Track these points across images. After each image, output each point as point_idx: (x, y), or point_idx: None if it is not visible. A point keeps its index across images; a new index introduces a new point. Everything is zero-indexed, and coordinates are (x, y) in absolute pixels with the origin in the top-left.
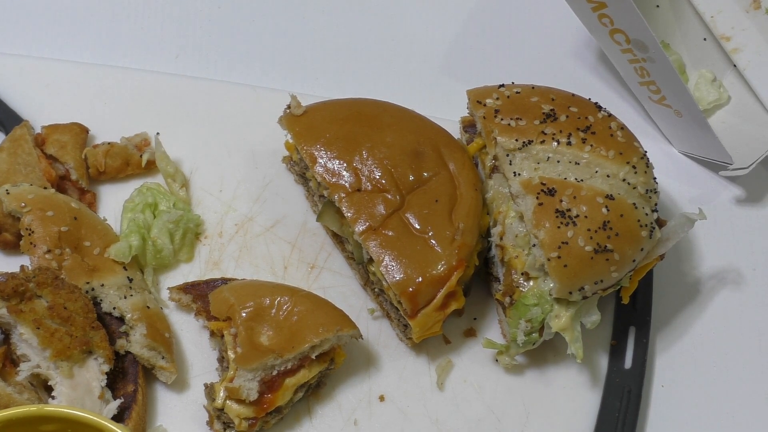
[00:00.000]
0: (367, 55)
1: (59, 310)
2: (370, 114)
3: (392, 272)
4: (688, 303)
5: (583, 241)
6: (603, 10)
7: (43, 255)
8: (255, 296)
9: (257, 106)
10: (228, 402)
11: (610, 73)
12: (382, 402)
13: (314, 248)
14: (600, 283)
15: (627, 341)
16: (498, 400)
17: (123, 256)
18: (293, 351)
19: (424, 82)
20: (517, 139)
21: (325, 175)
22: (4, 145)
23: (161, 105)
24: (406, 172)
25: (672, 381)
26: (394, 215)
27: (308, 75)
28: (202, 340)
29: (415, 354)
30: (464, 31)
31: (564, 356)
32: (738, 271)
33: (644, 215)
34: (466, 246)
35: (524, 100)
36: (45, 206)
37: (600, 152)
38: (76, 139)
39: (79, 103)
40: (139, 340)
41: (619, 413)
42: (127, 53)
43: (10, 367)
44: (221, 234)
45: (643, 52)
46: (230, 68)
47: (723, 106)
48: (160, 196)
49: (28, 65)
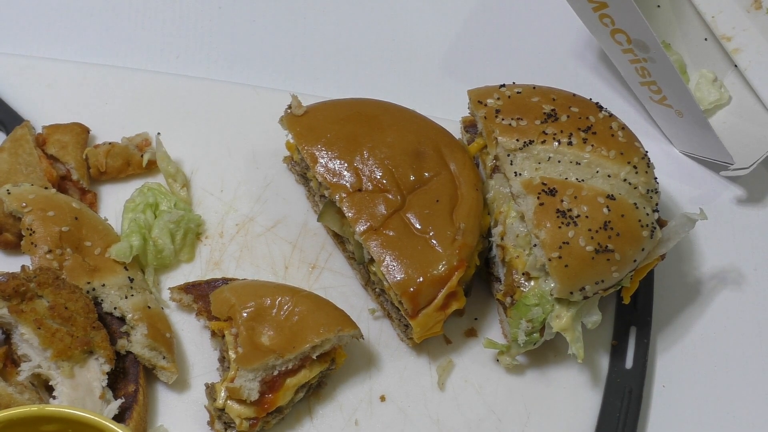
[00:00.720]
0: (368, 55)
1: (60, 310)
2: (371, 114)
3: (393, 272)
4: (689, 303)
5: (584, 241)
6: (604, 10)
7: (44, 255)
8: (256, 296)
9: (258, 107)
10: (229, 402)
11: (611, 73)
12: (383, 402)
13: (315, 248)
14: (601, 283)
15: (628, 341)
16: (499, 400)
17: (124, 256)
18: (294, 351)
19: (425, 82)
20: (518, 139)
21: (326, 175)
22: (5, 145)
23: (162, 105)
24: (407, 172)
25: (673, 381)
26: (395, 215)
27: (309, 75)
28: (203, 340)
29: (416, 354)
30: (465, 30)
31: (565, 356)
32: (739, 271)
33: (645, 215)
34: (467, 246)
35: (525, 100)
36: (46, 206)
37: (601, 152)
38: (77, 139)
39: (80, 103)
40: (140, 340)
41: (620, 413)
42: (128, 53)
43: (11, 367)
44: (222, 234)
45: (644, 52)
46: (231, 68)
47: (724, 106)
48: (161, 196)
49: (29, 65)
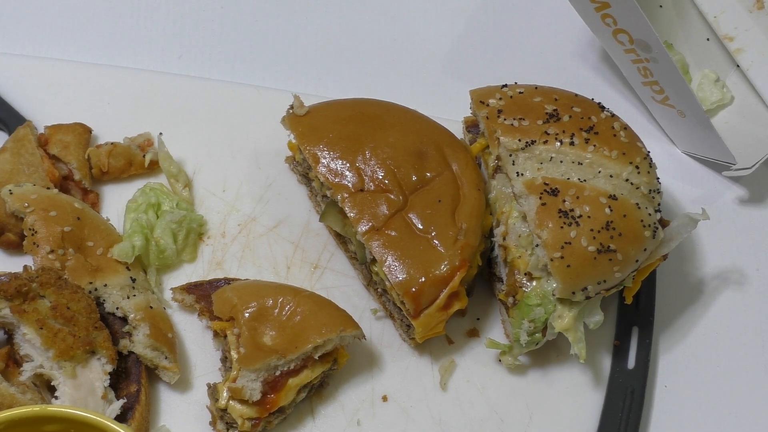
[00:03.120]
0: (370, 55)
1: (62, 310)
2: (373, 114)
3: (395, 272)
4: (691, 303)
5: (586, 242)
6: (606, 10)
7: (46, 255)
8: (258, 296)
9: (260, 107)
10: (231, 402)
11: (613, 74)
12: (385, 402)
13: (317, 248)
14: (603, 284)
15: (630, 341)
16: (501, 400)
17: (126, 256)
18: (296, 351)
19: (427, 82)
20: (520, 139)
21: (328, 175)
22: (8, 146)
23: (164, 105)
24: (409, 172)
25: (675, 381)
26: (397, 215)
27: (311, 75)
28: (205, 341)
29: (418, 354)
30: (467, 31)
31: (567, 356)
32: (741, 271)
33: (647, 215)
34: (469, 246)
35: (527, 101)
36: (48, 206)
37: (603, 152)
38: (79, 140)
39: (82, 103)
40: (142, 341)
41: (622, 413)
42: (130, 53)
43: (13, 368)
44: (224, 234)
45: (646, 52)
46: (233, 68)
47: (726, 107)
48: (163, 197)
49: (31, 65)
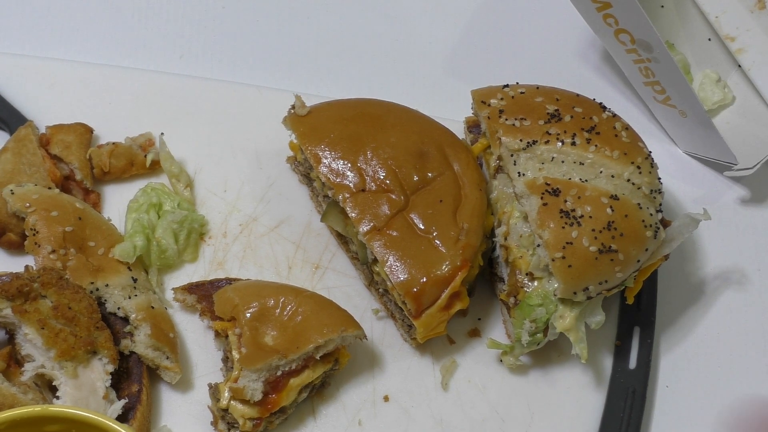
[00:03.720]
0: (371, 56)
1: (64, 310)
2: (375, 114)
3: (396, 272)
4: (692, 303)
5: (588, 242)
6: (608, 10)
7: (48, 255)
8: (259, 296)
9: (261, 107)
10: (232, 402)
11: (614, 74)
12: (387, 402)
13: (318, 248)
14: (604, 284)
15: (631, 341)
16: (502, 400)
17: (127, 256)
18: (298, 351)
19: (429, 82)
20: (522, 139)
21: (330, 175)
22: (9, 146)
23: (165, 105)
24: (410, 172)
25: (676, 381)
26: (398, 215)
27: (312, 75)
28: (207, 341)
29: (420, 354)
30: (469, 31)
31: (568, 356)
32: (742, 271)
33: (649, 215)
34: (470, 246)
35: (529, 101)
36: (49, 206)
37: (604, 152)
38: (80, 140)
39: (83, 104)
40: (144, 341)
41: (623, 413)
42: (132, 53)
43: (15, 368)
44: (225, 234)
45: (647, 52)
46: (234, 68)
47: (727, 107)
48: (165, 197)
49: (32, 65)
